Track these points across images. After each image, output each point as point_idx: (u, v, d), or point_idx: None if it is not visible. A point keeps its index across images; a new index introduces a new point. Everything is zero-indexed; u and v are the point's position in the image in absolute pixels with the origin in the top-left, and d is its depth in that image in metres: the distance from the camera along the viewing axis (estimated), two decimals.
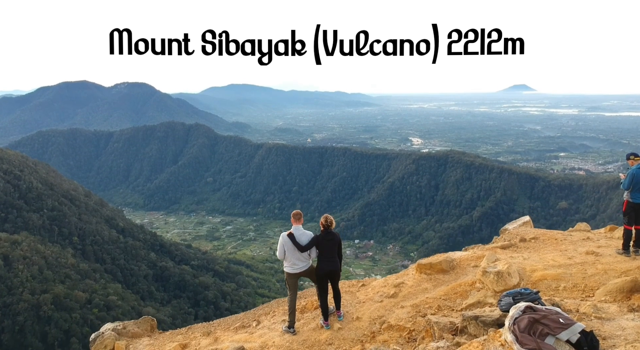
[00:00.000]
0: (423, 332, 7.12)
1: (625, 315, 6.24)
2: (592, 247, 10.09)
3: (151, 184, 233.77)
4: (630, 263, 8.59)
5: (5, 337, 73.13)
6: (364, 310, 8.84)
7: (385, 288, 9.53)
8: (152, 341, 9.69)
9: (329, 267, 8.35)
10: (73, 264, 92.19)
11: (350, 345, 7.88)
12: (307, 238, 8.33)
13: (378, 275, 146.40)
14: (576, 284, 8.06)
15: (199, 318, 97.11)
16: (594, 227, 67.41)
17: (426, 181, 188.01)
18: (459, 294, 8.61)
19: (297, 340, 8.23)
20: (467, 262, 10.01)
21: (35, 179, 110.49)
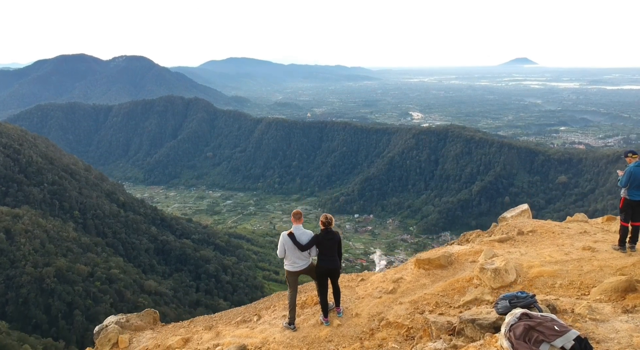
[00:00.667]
0: (421, 331, 7.19)
1: (619, 317, 6.30)
2: (589, 241, 10.12)
3: (151, 159, 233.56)
4: (625, 260, 8.68)
5: (9, 309, 74.06)
6: (363, 307, 8.91)
7: (384, 283, 9.59)
8: (155, 334, 9.81)
9: (329, 266, 8.43)
10: (74, 237, 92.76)
11: (350, 343, 7.94)
12: (307, 237, 8.39)
13: (377, 249, 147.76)
14: (572, 281, 8.12)
15: (200, 291, 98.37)
16: (593, 202, 68.35)
17: (426, 156, 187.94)
18: (457, 290, 8.67)
19: (298, 337, 8.30)
20: (465, 257, 10.04)
21: (35, 153, 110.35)
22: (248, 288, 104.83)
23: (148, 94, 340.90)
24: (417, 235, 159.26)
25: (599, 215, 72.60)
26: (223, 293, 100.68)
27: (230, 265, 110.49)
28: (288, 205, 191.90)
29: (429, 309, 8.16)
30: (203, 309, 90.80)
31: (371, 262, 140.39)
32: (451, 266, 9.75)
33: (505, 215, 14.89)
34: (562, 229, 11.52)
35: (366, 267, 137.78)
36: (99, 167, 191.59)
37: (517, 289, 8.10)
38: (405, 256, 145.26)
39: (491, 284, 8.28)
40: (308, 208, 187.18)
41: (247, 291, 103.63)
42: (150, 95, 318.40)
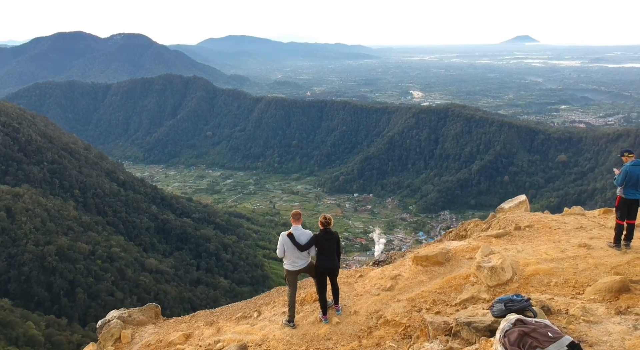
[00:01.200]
0: (418, 330, 7.25)
1: (612, 318, 6.36)
2: (585, 238, 10.18)
3: (150, 138, 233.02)
4: (620, 257, 8.77)
5: (12, 287, 74.76)
6: (362, 304, 8.99)
7: (382, 280, 9.65)
8: (157, 329, 9.92)
9: (327, 265, 8.53)
10: (75, 216, 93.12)
11: (348, 341, 8.02)
12: (307, 237, 8.45)
13: (377, 228, 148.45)
14: (567, 280, 8.19)
15: (200, 269, 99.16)
16: (592, 180, 68.47)
17: (426, 135, 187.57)
18: (454, 288, 8.76)
19: (297, 335, 8.40)
20: (462, 254, 10.12)
21: (34, 131, 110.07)
22: (248, 266, 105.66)
23: (147, 72, 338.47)
24: (417, 214, 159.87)
25: (598, 194, 74.25)
26: (224, 271, 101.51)
27: (230, 243, 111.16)
28: (288, 184, 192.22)
29: (426, 306, 8.27)
30: (204, 287, 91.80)
31: (370, 240, 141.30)
32: (448, 263, 9.85)
33: (503, 206, 14.92)
34: (559, 224, 11.55)
35: (365, 246, 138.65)
36: (98, 146, 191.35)
37: (514, 287, 8.22)
38: (405, 235, 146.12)
39: (488, 282, 8.39)
40: (308, 187, 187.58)
41: (248, 269, 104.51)
42: (149, 73, 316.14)
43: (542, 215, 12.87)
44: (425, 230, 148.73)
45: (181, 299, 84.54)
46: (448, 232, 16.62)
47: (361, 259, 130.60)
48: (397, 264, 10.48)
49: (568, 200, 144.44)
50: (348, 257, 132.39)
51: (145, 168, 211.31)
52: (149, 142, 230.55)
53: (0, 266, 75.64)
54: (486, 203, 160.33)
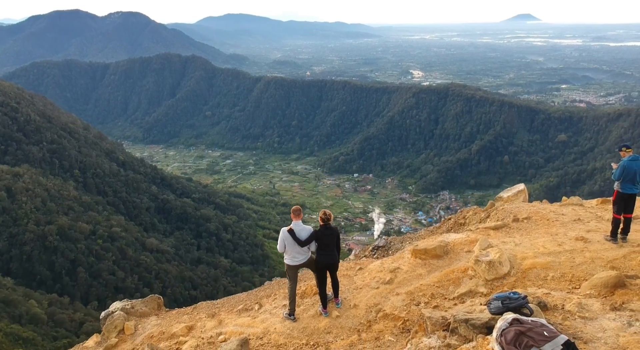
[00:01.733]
0: (416, 325, 7.30)
1: (607, 314, 6.43)
2: (582, 231, 10.23)
3: (149, 118, 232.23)
4: (616, 251, 8.84)
5: (14, 266, 75.30)
6: (361, 297, 9.07)
7: (382, 273, 9.72)
8: (159, 321, 10.01)
9: (327, 260, 8.62)
10: (75, 196, 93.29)
11: (348, 335, 8.11)
12: (307, 233, 8.56)
13: (376, 207, 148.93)
14: (564, 274, 8.25)
15: (201, 249, 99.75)
16: (592, 160, 68.65)
17: (426, 115, 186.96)
18: (452, 281, 8.82)
19: (297, 328, 8.51)
20: (461, 247, 10.20)
21: (32, 111, 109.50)
22: (248, 246, 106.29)
23: (145, 51, 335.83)
24: (416, 194, 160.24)
25: (597, 173, 74.52)
26: (224, 251, 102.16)
27: (230, 223, 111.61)
28: (287, 164, 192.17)
29: (424, 300, 8.35)
30: (204, 267, 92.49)
31: (370, 220, 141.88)
32: (447, 256, 9.94)
33: (501, 195, 14.92)
34: (557, 216, 11.58)
35: (365, 226, 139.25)
36: (97, 125, 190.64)
37: (511, 281, 8.28)
38: (404, 215, 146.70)
39: (485, 275, 8.47)
40: (307, 167, 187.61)
41: (248, 249, 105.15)
42: (147, 52, 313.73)
43: (540, 206, 12.87)
44: (425, 210, 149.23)
45: (182, 278, 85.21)
46: (447, 218, 16.64)
47: (361, 239, 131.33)
48: (396, 257, 10.55)
49: (567, 180, 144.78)
50: (348, 237, 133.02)
51: (144, 148, 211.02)
52: (148, 122, 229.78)
53: (2, 245, 76.06)
54: (485, 183, 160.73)
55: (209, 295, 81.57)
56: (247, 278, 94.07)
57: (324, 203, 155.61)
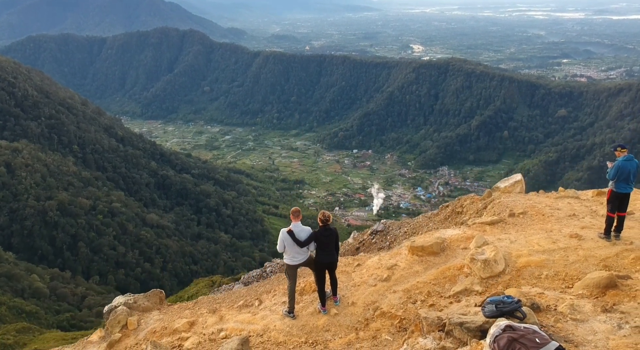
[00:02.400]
0: (413, 325, 7.39)
1: (598, 316, 6.53)
2: (577, 227, 10.35)
3: (147, 93, 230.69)
4: (609, 249, 8.98)
5: (15, 241, 75.82)
6: (359, 295, 9.21)
7: (379, 270, 9.84)
8: (161, 316, 10.17)
9: (326, 260, 8.76)
10: (75, 171, 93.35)
11: (346, 333, 8.24)
12: (306, 234, 8.62)
13: (375, 183, 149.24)
14: (558, 272, 8.37)
15: (201, 224, 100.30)
16: (592, 135, 68.60)
17: (426, 90, 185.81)
18: (448, 279, 8.95)
19: (297, 325, 8.66)
20: (457, 244, 10.34)
21: (30, 86, 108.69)
22: (248, 221, 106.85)
23: (142, 25, 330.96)
24: (415, 170, 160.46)
25: (596, 149, 74.60)
26: (224, 226, 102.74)
27: (230, 199, 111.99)
28: (287, 140, 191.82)
29: (421, 298, 8.48)
30: (205, 242, 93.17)
31: (369, 196, 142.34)
32: (443, 253, 10.05)
33: (498, 185, 14.95)
34: (552, 211, 11.66)
35: (364, 202, 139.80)
36: (95, 101, 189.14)
37: (506, 279, 8.42)
38: (403, 191, 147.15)
39: (481, 274, 8.59)
40: (307, 143, 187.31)
41: (248, 224, 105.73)
42: (144, 26, 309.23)
43: (536, 200, 12.91)
44: (424, 186, 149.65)
45: (182, 253, 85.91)
46: (444, 206, 16.70)
47: (360, 214, 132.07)
48: (393, 253, 10.67)
49: (567, 155, 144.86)
50: (347, 212, 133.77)
51: (143, 123, 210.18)
52: (146, 97, 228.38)
53: (3, 221, 76.46)
54: (485, 158, 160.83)
55: (209, 269, 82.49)
56: (247, 253, 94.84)
57: (323, 179, 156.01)
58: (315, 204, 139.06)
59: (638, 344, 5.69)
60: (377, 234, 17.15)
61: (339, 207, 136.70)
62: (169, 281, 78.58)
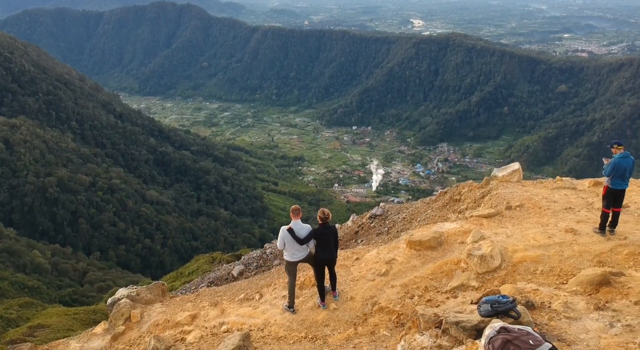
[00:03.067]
0: (410, 321, 7.50)
1: (591, 314, 6.62)
2: (572, 221, 10.44)
3: (145, 68, 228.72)
4: (604, 245, 9.09)
5: (15, 217, 76.10)
6: (357, 289, 9.33)
7: (377, 264, 9.96)
8: (164, 308, 10.31)
9: (326, 257, 8.90)
10: (74, 148, 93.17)
11: (345, 328, 8.36)
12: (306, 232, 8.73)
13: (374, 159, 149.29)
14: (553, 268, 8.47)
15: (201, 201, 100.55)
16: (592, 111, 68.52)
17: (426, 66, 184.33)
18: (445, 273, 9.07)
19: (297, 320, 8.79)
20: (454, 238, 10.45)
21: (26, 61, 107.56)
22: (248, 198, 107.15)
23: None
24: (415, 146, 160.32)
25: (596, 124, 74.50)
26: (224, 203, 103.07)
27: (229, 176, 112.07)
28: (286, 117, 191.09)
29: (418, 293, 8.60)
30: (205, 218, 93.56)
31: (368, 173, 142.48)
32: (441, 247, 10.16)
33: (496, 174, 14.96)
34: (549, 203, 11.72)
35: (363, 179, 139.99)
36: (92, 76, 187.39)
37: (502, 274, 8.54)
38: (402, 167, 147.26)
39: (477, 269, 8.70)
40: (306, 120, 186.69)
41: (247, 201, 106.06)
42: (141, 0, 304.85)
43: (533, 191, 12.96)
44: (423, 162, 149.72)
45: (182, 230, 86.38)
46: (443, 192, 16.72)
47: (359, 191, 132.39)
48: (392, 246, 10.78)
49: (566, 131, 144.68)
50: (346, 189, 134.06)
51: (141, 100, 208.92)
52: (144, 73, 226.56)
53: (3, 197, 76.61)
54: (484, 135, 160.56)
55: (209, 245, 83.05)
56: (246, 229, 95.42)
57: (322, 156, 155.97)
58: (314, 180, 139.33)
59: (628, 343, 5.78)
60: (376, 218, 17.24)
61: (338, 184, 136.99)
62: (169, 257, 79.26)
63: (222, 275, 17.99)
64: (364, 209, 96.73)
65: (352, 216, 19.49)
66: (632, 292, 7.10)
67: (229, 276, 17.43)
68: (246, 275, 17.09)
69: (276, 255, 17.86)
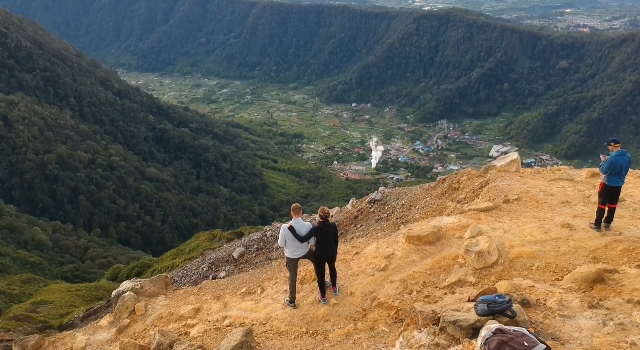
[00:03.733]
0: (408, 317, 7.61)
1: (584, 312, 6.75)
2: (569, 216, 10.59)
3: (143, 44, 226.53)
4: (599, 240, 9.24)
5: (15, 194, 76.33)
6: (357, 284, 9.49)
7: (377, 259, 10.13)
8: (167, 301, 10.54)
9: (326, 254, 9.11)
10: (72, 125, 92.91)
11: (345, 323, 8.54)
12: (306, 229, 8.92)
13: (373, 136, 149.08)
14: (548, 264, 8.61)
15: (200, 178, 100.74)
16: (592, 87, 68.40)
17: (426, 42, 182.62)
18: (443, 269, 9.23)
19: (298, 315, 8.96)
20: (452, 233, 10.57)
21: (22, 37, 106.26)
22: (247, 175, 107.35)
23: None
24: (414, 123, 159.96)
25: (596, 101, 74.44)
26: (223, 180, 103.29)
27: (229, 153, 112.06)
28: (285, 94, 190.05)
29: (416, 289, 8.78)
30: (204, 196, 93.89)
31: (368, 150, 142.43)
32: (439, 242, 10.31)
33: (495, 164, 15.08)
34: (546, 197, 11.87)
35: (362, 156, 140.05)
36: (90, 52, 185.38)
37: (498, 269, 8.73)
38: (402, 145, 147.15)
39: (474, 264, 8.86)
40: (305, 97, 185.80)
41: (247, 178, 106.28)
42: None
43: (530, 183, 13.06)
44: (422, 139, 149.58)
45: (182, 207, 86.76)
46: (442, 179, 16.81)
47: (358, 168, 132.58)
48: (391, 241, 10.93)
49: (567, 107, 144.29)
50: (345, 166, 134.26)
51: (139, 76, 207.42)
52: (142, 49, 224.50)
53: (2, 174, 76.69)
54: (484, 111, 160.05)
55: (209, 222, 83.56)
56: (246, 207, 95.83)
57: (321, 133, 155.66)
58: (314, 158, 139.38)
59: (620, 341, 5.89)
60: (376, 203, 17.37)
61: (338, 161, 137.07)
62: (169, 234, 79.80)
63: (223, 257, 18.19)
64: (364, 186, 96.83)
65: (351, 200, 19.68)
66: (625, 290, 7.23)
67: (230, 258, 17.64)
68: (247, 258, 17.35)
69: (276, 238, 18.06)
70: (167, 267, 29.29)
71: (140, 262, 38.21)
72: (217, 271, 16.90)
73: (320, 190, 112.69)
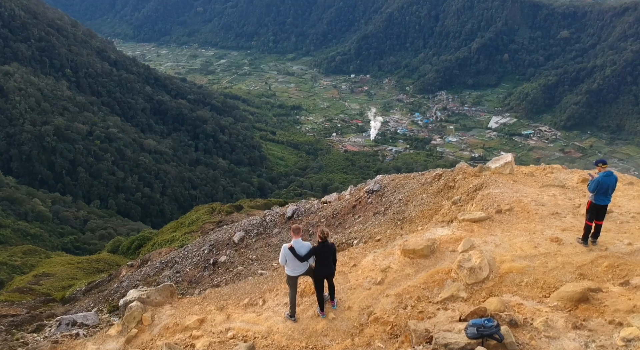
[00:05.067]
0: (402, 335, 8.01)
1: (569, 333, 7.16)
2: (558, 230, 10.97)
3: (139, 14, 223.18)
4: (586, 256, 9.70)
5: (14, 165, 76.41)
6: (354, 299, 9.86)
7: (374, 272, 10.51)
8: (173, 311, 10.94)
9: (325, 272, 9.49)
10: (69, 96, 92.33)
11: (342, 338, 8.86)
12: (306, 250, 9.29)
13: (372, 108, 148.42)
14: (537, 280, 9.03)
15: (199, 150, 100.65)
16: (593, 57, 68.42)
17: (426, 11, 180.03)
18: (437, 283, 9.64)
19: (298, 329, 9.31)
20: (446, 246, 10.98)
21: (16, 5, 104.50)
22: (246, 148, 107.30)
23: None
24: (413, 94, 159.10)
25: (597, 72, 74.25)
26: (222, 152, 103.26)
27: (227, 125, 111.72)
28: (283, 65, 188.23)
29: (411, 303, 9.16)
30: (203, 168, 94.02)
31: (366, 122, 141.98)
32: (433, 255, 10.72)
33: (489, 166, 15.32)
34: (537, 207, 12.25)
35: (361, 128, 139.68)
36: (85, 22, 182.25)
37: (489, 285, 9.22)
38: (400, 116, 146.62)
39: (466, 280, 9.32)
40: (304, 68, 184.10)
41: (245, 150, 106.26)
42: None
43: (523, 191, 13.38)
44: (421, 111, 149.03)
45: (181, 179, 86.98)
46: (437, 175, 17.00)
47: (357, 140, 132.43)
48: (387, 252, 11.29)
49: (567, 78, 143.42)
50: (344, 138, 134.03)
51: (135, 46, 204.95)
52: (138, 19, 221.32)
53: (0, 145, 76.54)
54: (484, 82, 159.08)
55: (208, 194, 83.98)
56: (245, 179, 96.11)
57: (320, 104, 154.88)
58: (312, 129, 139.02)
59: None
60: (373, 193, 17.64)
61: (336, 133, 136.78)
62: (169, 206, 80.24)
63: (224, 240, 18.54)
64: (362, 158, 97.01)
65: (349, 187, 20.08)
66: (607, 311, 7.59)
67: (230, 242, 17.97)
68: (247, 242, 17.79)
69: (275, 223, 18.38)
70: (167, 240, 29.60)
71: (141, 235, 38.54)
72: (218, 255, 17.23)
73: (319, 162, 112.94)
